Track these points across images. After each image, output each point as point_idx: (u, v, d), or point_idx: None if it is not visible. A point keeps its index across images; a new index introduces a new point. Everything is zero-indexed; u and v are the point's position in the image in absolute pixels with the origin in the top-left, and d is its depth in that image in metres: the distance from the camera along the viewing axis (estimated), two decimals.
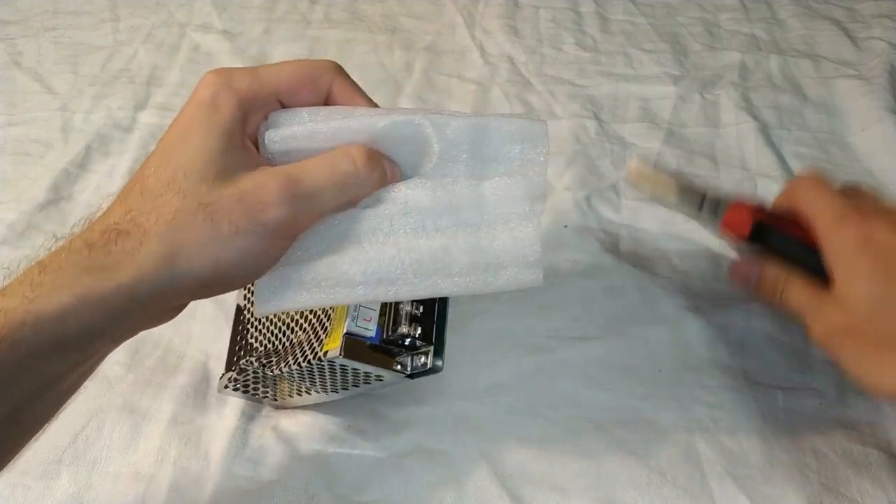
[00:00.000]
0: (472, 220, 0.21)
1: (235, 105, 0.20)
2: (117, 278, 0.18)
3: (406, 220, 0.21)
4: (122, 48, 0.51)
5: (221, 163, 0.19)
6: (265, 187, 0.19)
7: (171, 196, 0.19)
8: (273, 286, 0.20)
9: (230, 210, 0.19)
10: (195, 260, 0.19)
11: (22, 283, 0.18)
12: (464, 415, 0.29)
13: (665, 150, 0.41)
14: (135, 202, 0.19)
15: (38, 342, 0.17)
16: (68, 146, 0.43)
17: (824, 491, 0.26)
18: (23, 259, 0.19)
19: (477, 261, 0.20)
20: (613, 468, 0.26)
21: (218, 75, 0.20)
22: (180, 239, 0.18)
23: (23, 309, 0.17)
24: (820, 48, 0.48)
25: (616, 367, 0.30)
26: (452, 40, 0.51)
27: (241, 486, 0.27)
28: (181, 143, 0.19)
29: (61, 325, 0.17)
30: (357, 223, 0.21)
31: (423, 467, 0.27)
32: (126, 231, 0.18)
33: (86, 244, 0.18)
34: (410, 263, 0.20)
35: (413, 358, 0.23)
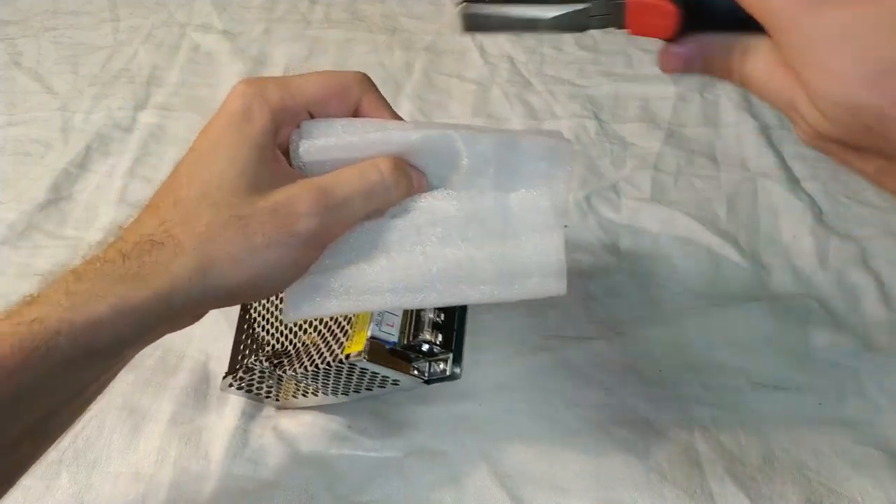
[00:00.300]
0: (498, 231, 0.21)
1: (268, 117, 0.20)
2: (151, 288, 0.18)
3: (433, 230, 0.21)
4: (122, 48, 0.51)
5: (254, 175, 0.19)
6: (297, 199, 0.19)
7: (204, 208, 0.19)
8: (303, 293, 0.21)
9: (263, 222, 0.19)
10: (228, 271, 0.19)
11: (57, 292, 0.18)
12: (464, 415, 0.29)
13: (665, 149, 0.41)
14: (168, 213, 0.19)
15: (71, 350, 0.18)
16: (68, 146, 0.43)
17: (824, 490, 0.26)
18: (22, 260, 0.19)
19: (502, 270, 0.21)
20: (613, 468, 0.26)
21: (250, 86, 0.20)
22: (214, 251, 0.19)
23: (57, 317, 0.17)
24: None
25: (616, 367, 0.30)
26: (452, 40, 0.51)
27: (241, 486, 0.27)
28: (213, 154, 0.20)
29: (95, 334, 0.18)
30: (385, 232, 0.21)
31: (423, 467, 0.27)
32: (160, 242, 0.19)
33: (120, 254, 0.18)
34: (437, 272, 0.21)
35: (431, 364, 0.24)
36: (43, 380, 0.18)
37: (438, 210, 0.21)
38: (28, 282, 0.35)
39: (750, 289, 0.33)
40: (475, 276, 0.21)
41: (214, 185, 0.19)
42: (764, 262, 0.35)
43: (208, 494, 0.26)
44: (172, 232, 0.19)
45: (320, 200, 0.20)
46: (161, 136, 0.44)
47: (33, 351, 0.17)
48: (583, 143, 0.42)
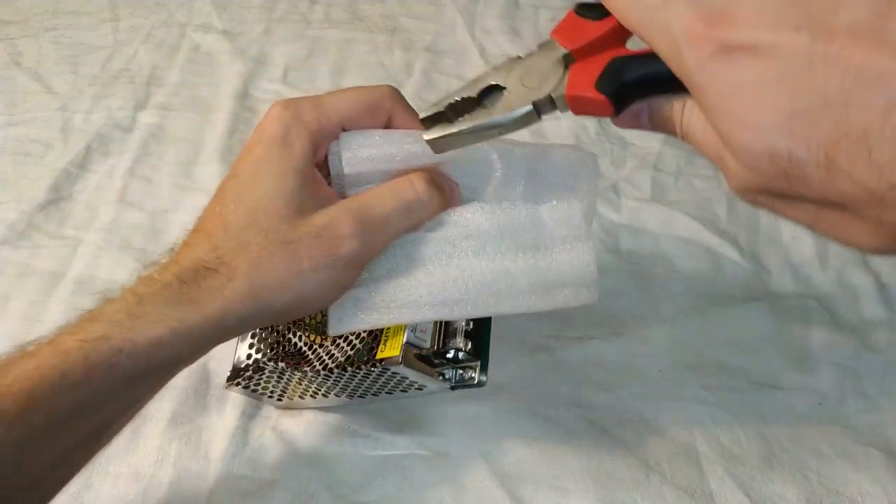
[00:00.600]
0: (531, 243, 0.22)
1: (307, 140, 0.21)
2: (206, 312, 0.20)
3: (468, 243, 0.22)
4: (122, 48, 0.51)
5: (298, 200, 0.20)
6: (339, 223, 0.21)
7: (253, 234, 0.20)
8: (345, 309, 0.22)
9: (309, 247, 0.20)
10: (277, 294, 0.20)
11: (119, 312, 0.19)
12: (464, 414, 0.29)
13: (665, 150, 0.41)
14: (220, 239, 0.20)
15: (132, 368, 0.19)
16: (68, 146, 0.43)
17: (824, 490, 0.26)
18: (21, 260, 0.20)
19: (537, 281, 0.22)
20: (613, 468, 0.26)
21: (286, 109, 0.21)
22: (263, 276, 0.20)
23: (121, 337, 0.19)
24: None
25: (616, 367, 0.30)
26: (452, 40, 0.51)
27: (241, 486, 0.27)
28: (257, 181, 0.21)
29: (154, 353, 0.19)
30: (422, 246, 0.22)
31: (423, 467, 0.27)
32: (214, 269, 0.20)
33: (177, 279, 0.20)
34: (473, 285, 0.21)
35: (457, 371, 0.24)
36: (103, 394, 0.19)
37: (472, 223, 0.22)
38: (28, 282, 0.36)
39: (750, 289, 0.33)
40: (511, 289, 0.21)
41: (261, 212, 0.20)
42: (764, 262, 0.35)
43: (208, 494, 0.26)
44: (225, 259, 0.20)
45: (360, 222, 0.21)
46: (161, 136, 0.44)
47: (97, 367, 0.18)
48: (583, 143, 0.42)
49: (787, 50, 0.13)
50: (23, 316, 0.34)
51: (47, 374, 0.18)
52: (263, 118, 0.22)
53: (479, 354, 0.24)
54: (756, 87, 0.13)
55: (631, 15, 0.16)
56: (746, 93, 0.13)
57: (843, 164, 0.13)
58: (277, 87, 0.48)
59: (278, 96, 0.47)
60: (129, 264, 0.36)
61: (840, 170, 0.13)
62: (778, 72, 0.13)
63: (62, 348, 0.18)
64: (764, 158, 0.14)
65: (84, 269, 0.36)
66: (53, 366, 0.18)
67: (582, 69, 0.18)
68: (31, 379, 0.18)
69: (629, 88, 0.17)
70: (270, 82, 0.48)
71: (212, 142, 0.43)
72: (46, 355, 0.18)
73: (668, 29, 0.15)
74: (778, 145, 0.13)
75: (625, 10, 0.16)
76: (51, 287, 0.35)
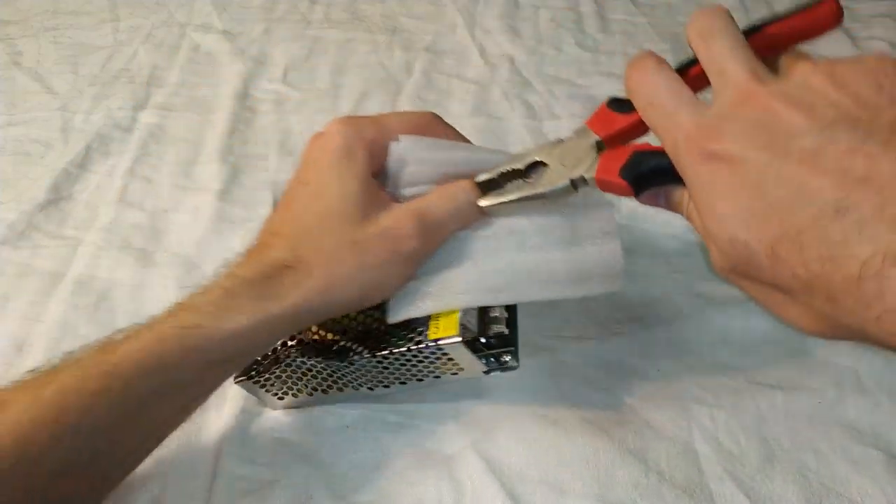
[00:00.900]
0: (567, 238, 0.25)
1: (367, 153, 0.24)
2: (285, 305, 0.22)
3: (511, 239, 0.25)
4: (122, 48, 0.51)
5: (362, 205, 0.23)
6: (401, 223, 0.24)
7: (326, 235, 0.23)
8: (403, 298, 0.25)
9: (375, 245, 0.23)
10: (346, 288, 0.23)
11: (210, 304, 0.22)
12: (463, 414, 0.29)
13: None
14: (297, 241, 0.23)
15: (219, 354, 0.22)
16: (68, 146, 0.43)
17: (824, 491, 0.26)
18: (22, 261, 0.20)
19: (571, 272, 0.24)
20: (612, 468, 0.26)
21: (348, 125, 0.24)
22: (336, 272, 0.23)
23: (212, 326, 0.21)
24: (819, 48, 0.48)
25: (615, 367, 0.30)
26: (452, 40, 0.51)
27: (240, 486, 0.27)
28: (326, 188, 0.24)
29: (238, 342, 0.22)
30: (471, 242, 0.25)
31: (422, 468, 0.27)
32: (293, 267, 0.23)
33: (261, 275, 0.22)
34: (514, 274, 0.24)
35: (490, 357, 0.26)
36: (192, 376, 0.22)
37: (514, 223, 0.25)
38: (28, 282, 0.36)
39: None
40: (549, 278, 0.24)
41: (333, 216, 0.23)
42: None
43: (206, 495, 0.26)
44: (303, 258, 0.23)
45: (420, 223, 0.24)
46: (161, 136, 0.44)
47: (191, 351, 0.21)
48: None
49: (753, 163, 0.16)
50: (23, 316, 0.34)
51: (147, 356, 0.20)
52: (324, 132, 0.25)
53: (514, 340, 0.26)
54: (727, 188, 0.17)
55: (649, 117, 0.20)
56: (720, 191, 0.17)
57: (783, 256, 0.16)
58: (277, 87, 0.48)
59: (278, 96, 0.47)
60: (129, 264, 0.36)
61: (781, 260, 0.16)
62: (743, 179, 0.16)
63: (162, 334, 0.21)
64: (727, 245, 0.17)
65: (84, 269, 0.36)
66: (153, 349, 0.21)
67: (609, 157, 0.22)
68: (134, 359, 0.20)
69: (646, 178, 0.21)
70: (270, 82, 0.48)
71: (212, 142, 0.43)
72: (148, 339, 0.21)
73: (673, 133, 0.18)
74: (738, 236, 0.17)
75: (644, 112, 0.20)
76: (51, 287, 0.35)
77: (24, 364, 0.32)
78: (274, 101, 0.46)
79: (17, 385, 0.20)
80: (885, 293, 0.14)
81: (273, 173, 0.41)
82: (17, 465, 0.19)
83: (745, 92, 0.17)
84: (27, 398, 0.20)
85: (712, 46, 0.19)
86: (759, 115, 0.17)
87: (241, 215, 0.38)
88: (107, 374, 0.20)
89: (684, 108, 0.18)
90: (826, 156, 0.15)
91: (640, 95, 0.20)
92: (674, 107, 0.19)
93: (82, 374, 0.20)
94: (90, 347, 0.21)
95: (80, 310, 0.34)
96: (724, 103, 0.18)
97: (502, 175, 0.25)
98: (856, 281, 0.14)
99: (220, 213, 0.38)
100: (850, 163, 0.15)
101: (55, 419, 0.19)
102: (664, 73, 0.19)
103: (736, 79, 0.18)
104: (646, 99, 0.20)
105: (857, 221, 0.14)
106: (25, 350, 0.32)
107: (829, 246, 0.15)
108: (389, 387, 0.28)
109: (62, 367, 0.21)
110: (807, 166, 0.15)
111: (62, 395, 0.20)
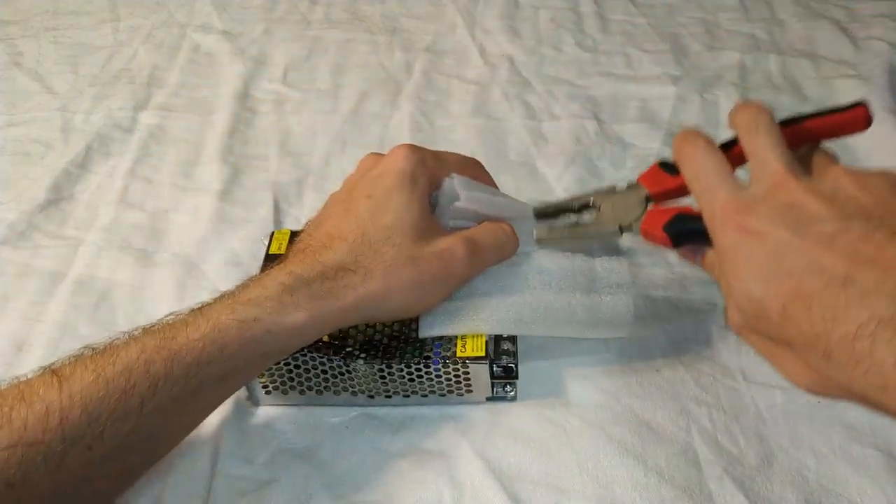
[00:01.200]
0: (586, 285, 0.28)
1: (428, 180, 0.27)
2: (339, 305, 0.24)
3: (540, 277, 0.28)
4: (122, 48, 0.51)
5: (421, 225, 0.26)
6: (457, 248, 0.26)
7: (388, 247, 0.25)
8: (436, 316, 0.27)
9: (431, 263, 0.25)
10: (399, 297, 0.25)
11: (271, 299, 0.23)
12: (462, 415, 0.29)
13: (665, 150, 0.41)
14: (359, 247, 0.25)
15: (273, 346, 0.23)
16: (68, 146, 0.43)
17: (822, 491, 0.26)
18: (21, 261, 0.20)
19: (587, 315, 0.28)
20: (612, 468, 0.27)
21: (414, 153, 0.27)
22: (393, 281, 0.25)
23: (271, 320, 0.23)
24: (819, 48, 0.48)
25: (614, 368, 0.30)
26: (452, 40, 0.51)
27: (239, 486, 0.27)
28: (391, 204, 0.26)
29: (293, 335, 0.23)
30: (504, 276, 0.28)
31: (422, 468, 0.27)
32: (353, 270, 0.25)
33: (321, 275, 0.24)
34: (540, 310, 0.27)
35: (495, 384, 0.28)
36: (246, 364, 0.23)
37: (543, 264, 0.28)
38: (28, 282, 0.36)
39: None
40: (569, 317, 0.27)
41: (395, 230, 0.25)
42: None
43: (205, 495, 0.26)
44: (364, 263, 0.25)
45: (471, 249, 0.26)
46: (161, 136, 0.44)
47: (248, 342, 0.22)
48: (582, 143, 0.42)
49: (777, 238, 0.19)
50: (23, 316, 0.34)
51: (209, 344, 0.22)
52: (390, 154, 0.27)
53: (516, 372, 0.27)
54: (751, 254, 0.20)
55: (694, 188, 0.23)
56: (744, 256, 0.20)
57: (792, 314, 0.19)
58: (277, 87, 0.48)
59: (278, 97, 0.47)
60: (129, 264, 0.36)
61: (790, 317, 0.19)
62: (767, 249, 0.20)
63: (221, 325, 0.22)
64: (745, 301, 0.20)
65: (84, 270, 0.36)
66: (214, 339, 0.22)
67: (656, 213, 0.25)
68: (196, 347, 0.22)
69: (684, 236, 0.24)
70: (270, 82, 0.48)
71: (212, 142, 0.43)
72: (207, 329, 0.22)
73: (712, 204, 0.22)
74: (755, 293, 0.20)
75: (690, 183, 0.23)
76: (51, 287, 0.35)
77: (24, 364, 0.32)
78: (274, 102, 0.46)
79: (75, 360, 0.21)
80: (874, 351, 0.17)
81: (273, 174, 0.41)
82: (83, 438, 0.20)
83: (781, 183, 0.20)
84: (89, 375, 0.20)
85: (756, 140, 0.22)
86: (790, 202, 0.20)
87: (241, 216, 0.38)
88: (169, 359, 0.21)
89: (725, 186, 0.22)
90: (841, 239, 0.18)
91: (688, 168, 0.23)
92: (716, 184, 0.22)
93: (146, 358, 0.21)
94: (146, 329, 0.22)
95: (81, 310, 0.34)
96: (761, 188, 0.21)
97: (557, 209, 0.29)
98: (851, 340, 0.17)
99: (221, 213, 0.38)
100: (861, 246, 0.18)
101: (120, 398, 0.20)
102: (710, 154, 0.23)
103: (774, 170, 0.21)
104: (693, 172, 0.23)
105: (859, 291, 0.17)
106: (25, 350, 0.32)
107: (833, 308, 0.18)
108: (391, 397, 0.28)
109: (122, 346, 0.22)
110: (823, 246, 0.19)
111: (127, 377, 0.21)
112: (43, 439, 0.19)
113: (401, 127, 0.44)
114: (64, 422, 0.19)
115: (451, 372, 0.27)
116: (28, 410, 0.19)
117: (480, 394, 0.28)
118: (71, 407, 0.20)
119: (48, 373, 0.21)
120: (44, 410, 0.19)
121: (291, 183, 0.40)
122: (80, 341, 0.33)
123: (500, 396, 0.28)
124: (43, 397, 0.20)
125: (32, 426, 0.19)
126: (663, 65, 0.47)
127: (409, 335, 0.27)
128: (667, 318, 0.32)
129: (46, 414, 0.19)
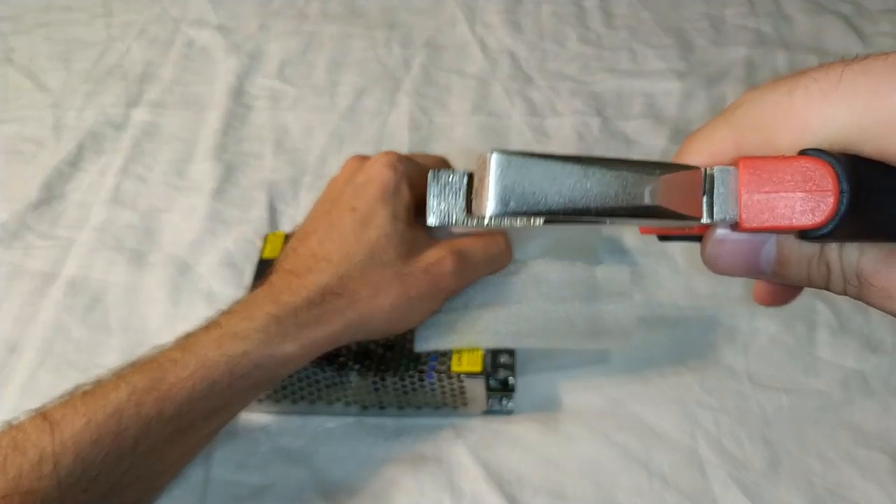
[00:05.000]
0: (586, 295, 0.27)
1: (411, 192, 0.26)
2: (328, 330, 0.23)
3: (538, 288, 0.27)
4: (114, 44, 0.50)
5: (407, 240, 0.25)
6: (443, 261, 0.25)
7: (373, 267, 0.24)
8: (432, 329, 0.26)
9: (418, 279, 0.25)
10: (386, 316, 0.24)
11: (258, 331, 0.23)
12: (462, 419, 0.28)
13: (670, 147, 0.40)
14: (344, 269, 0.24)
15: (264, 378, 0.23)
16: (60, 144, 0.42)
17: (829, 496, 0.25)
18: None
19: (588, 325, 0.27)
20: (614, 473, 0.26)
21: (399, 163, 0.26)
22: (380, 303, 0.24)
23: (260, 353, 0.22)
24: (827, 43, 0.47)
25: (616, 370, 0.30)
26: (452, 35, 0.50)
27: (234, 492, 0.26)
28: (374, 220, 0.25)
29: (284, 366, 0.23)
30: (500, 287, 0.27)
31: (420, 474, 0.26)
32: (339, 293, 0.24)
33: (307, 301, 0.23)
34: (539, 321, 0.26)
35: (491, 398, 0.27)
36: (238, 398, 0.23)
37: (541, 274, 0.27)
38: (21, 282, 0.35)
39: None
40: (569, 329, 0.26)
41: (380, 248, 0.25)
42: None
43: (200, 500, 0.26)
44: (350, 286, 0.24)
45: (458, 262, 0.26)
46: (154, 133, 0.43)
47: (239, 377, 0.22)
48: (586, 140, 0.41)
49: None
50: (15, 317, 0.33)
51: (198, 384, 0.21)
52: (374, 161, 0.26)
53: (513, 386, 0.27)
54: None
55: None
56: None
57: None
58: (273, 83, 0.47)
59: (274, 93, 0.46)
60: (122, 264, 0.35)
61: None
62: None
63: (209, 361, 0.22)
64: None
65: (77, 270, 0.35)
66: (204, 377, 0.22)
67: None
68: (185, 387, 0.21)
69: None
70: (266, 78, 0.47)
71: (206, 140, 0.42)
72: (196, 367, 0.22)
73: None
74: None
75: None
76: (43, 288, 0.35)
77: (17, 365, 0.31)
78: (269, 98, 0.46)
79: (65, 403, 0.21)
80: None
81: (269, 172, 0.40)
82: (79, 482, 0.20)
83: None
84: (80, 419, 0.20)
85: None
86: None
87: (235, 215, 0.38)
88: (160, 399, 0.21)
89: None
90: None
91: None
92: None
93: (137, 399, 0.21)
94: (133, 367, 0.22)
95: (73, 310, 0.33)
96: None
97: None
98: None
99: (214, 212, 0.38)
100: None
101: (113, 441, 0.20)
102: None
103: None
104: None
105: None
106: (18, 351, 0.32)
107: None
108: (385, 409, 0.28)
109: (111, 387, 0.21)
110: None
111: (118, 419, 0.20)
112: (39, 487, 0.19)
113: (399, 124, 0.43)
114: (58, 468, 0.19)
115: (447, 386, 0.26)
116: (22, 458, 0.19)
117: (476, 407, 0.27)
118: (64, 453, 0.19)
119: (39, 417, 0.20)
120: (37, 458, 0.19)
121: (287, 182, 0.40)
122: (72, 342, 0.32)
123: (497, 410, 0.28)
124: (36, 443, 0.19)
125: (28, 474, 0.19)
126: (668, 60, 0.46)
127: (405, 346, 0.27)
128: (671, 322, 0.31)
129: (40, 461, 0.19)
